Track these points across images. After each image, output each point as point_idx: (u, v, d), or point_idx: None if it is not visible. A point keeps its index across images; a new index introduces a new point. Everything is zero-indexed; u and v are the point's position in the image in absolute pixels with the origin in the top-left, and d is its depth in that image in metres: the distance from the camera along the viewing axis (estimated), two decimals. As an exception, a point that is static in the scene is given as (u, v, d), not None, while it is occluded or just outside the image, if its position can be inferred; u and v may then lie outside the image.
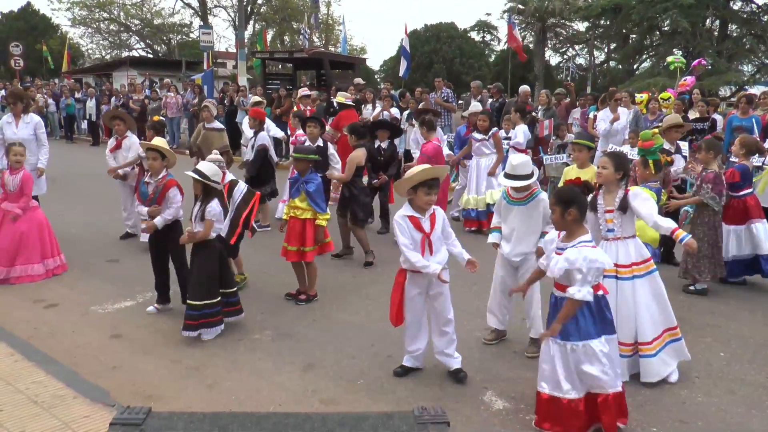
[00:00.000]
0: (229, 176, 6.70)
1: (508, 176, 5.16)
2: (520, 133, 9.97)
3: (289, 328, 5.91)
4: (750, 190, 7.33)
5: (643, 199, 4.75)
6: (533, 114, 13.13)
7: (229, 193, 6.45)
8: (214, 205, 5.56)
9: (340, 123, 11.27)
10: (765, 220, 7.25)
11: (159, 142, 6.34)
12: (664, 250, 7.81)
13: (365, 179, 8.79)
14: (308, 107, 11.73)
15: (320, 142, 8.46)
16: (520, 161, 5.15)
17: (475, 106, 10.58)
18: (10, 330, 5.76)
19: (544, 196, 5.17)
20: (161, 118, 8.64)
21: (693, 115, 11.28)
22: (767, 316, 6.42)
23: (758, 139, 8.31)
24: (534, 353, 4.94)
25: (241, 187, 6.56)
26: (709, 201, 6.70)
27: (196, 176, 5.50)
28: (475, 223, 9.54)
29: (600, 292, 4.00)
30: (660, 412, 4.43)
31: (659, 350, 4.82)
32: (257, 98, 11.37)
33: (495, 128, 9.60)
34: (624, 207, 4.74)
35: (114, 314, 6.26)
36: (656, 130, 6.40)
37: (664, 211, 6.66)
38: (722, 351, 5.54)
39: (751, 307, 6.67)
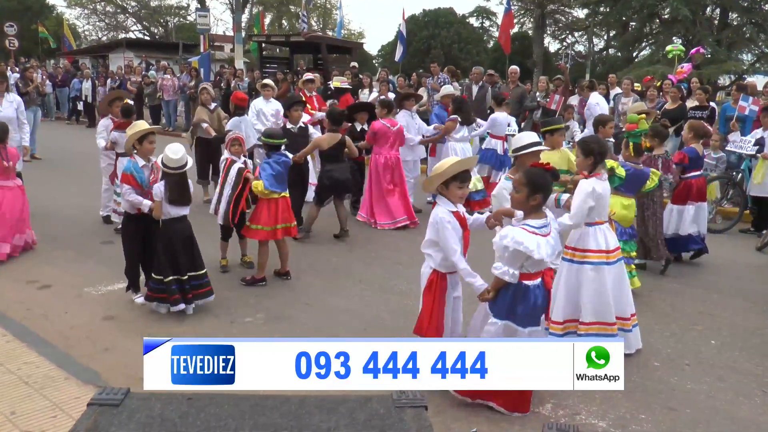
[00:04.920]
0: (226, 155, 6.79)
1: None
2: (488, 121, 10.00)
3: (282, 312, 5.91)
4: (698, 173, 7.65)
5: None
6: (538, 100, 13.13)
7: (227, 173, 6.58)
8: (156, 186, 5.64)
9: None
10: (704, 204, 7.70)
11: (144, 125, 6.24)
12: None
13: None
14: (313, 93, 11.61)
15: (301, 124, 8.59)
16: (515, 137, 5.37)
17: (447, 88, 10.59)
18: (3, 310, 5.75)
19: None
20: (129, 101, 8.62)
21: (692, 103, 11.26)
22: (758, 305, 6.45)
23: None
24: None
25: (235, 167, 6.56)
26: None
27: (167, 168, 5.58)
28: None
29: (531, 282, 3.94)
30: (649, 399, 4.46)
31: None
32: (267, 81, 11.29)
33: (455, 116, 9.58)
34: None
35: (107, 296, 6.26)
36: (643, 116, 6.52)
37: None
38: (713, 339, 5.57)
39: (744, 296, 6.71)
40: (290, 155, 6.92)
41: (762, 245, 8.45)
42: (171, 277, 5.61)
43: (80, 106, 22.67)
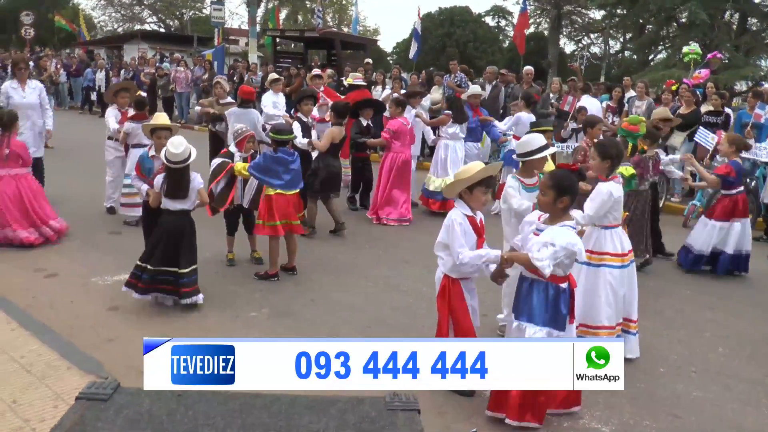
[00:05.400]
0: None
1: (519, 156, 5.18)
2: (508, 120, 9.93)
3: (287, 307, 5.90)
4: (741, 189, 7.35)
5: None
6: (551, 102, 13.07)
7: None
8: (157, 177, 5.75)
9: None
10: (748, 219, 7.38)
11: (164, 119, 6.30)
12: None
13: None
14: (320, 88, 11.60)
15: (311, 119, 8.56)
16: (520, 141, 5.23)
17: (474, 88, 10.53)
18: (9, 298, 5.76)
19: None
20: (142, 93, 8.73)
21: (706, 108, 11.15)
22: (768, 313, 6.37)
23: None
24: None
25: (218, 159, 6.66)
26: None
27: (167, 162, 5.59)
28: (439, 205, 9.54)
29: (565, 285, 3.89)
30: (654, 406, 4.40)
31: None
32: (275, 75, 11.32)
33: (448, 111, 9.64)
34: None
35: (113, 286, 6.24)
36: (643, 119, 6.49)
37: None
38: (721, 346, 5.50)
39: (753, 303, 6.63)
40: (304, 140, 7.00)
41: (774, 253, 8.34)
42: (140, 263, 5.66)
43: (93, 96, 22.74)
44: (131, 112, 8.56)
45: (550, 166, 6.40)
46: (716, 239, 7.29)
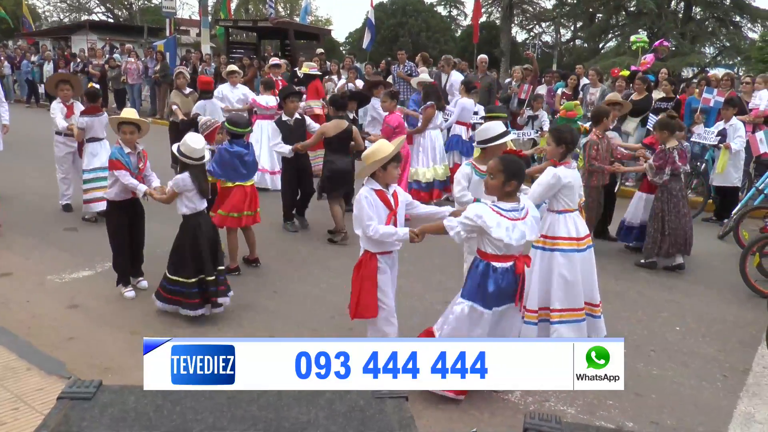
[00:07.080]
0: None
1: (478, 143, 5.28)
2: (457, 107, 9.97)
3: (250, 300, 5.85)
4: None
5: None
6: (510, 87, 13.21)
7: None
8: (180, 178, 5.26)
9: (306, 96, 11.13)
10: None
11: (130, 113, 5.97)
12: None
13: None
14: (279, 78, 11.53)
15: (298, 116, 8.11)
16: (480, 128, 5.30)
17: (424, 76, 10.56)
18: (-39, 300, 5.59)
19: None
20: (95, 85, 8.51)
21: (658, 95, 11.42)
22: (722, 292, 6.58)
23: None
24: None
25: None
26: (647, 171, 7.07)
27: (175, 152, 5.34)
28: (437, 193, 9.60)
29: (499, 264, 3.97)
30: (616, 386, 4.52)
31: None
32: (233, 67, 11.17)
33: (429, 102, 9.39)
34: None
35: (71, 284, 6.12)
36: (578, 102, 6.65)
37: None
38: (678, 325, 5.68)
39: (708, 284, 6.84)
40: (250, 148, 6.81)
41: (723, 233, 8.61)
42: (194, 279, 5.24)
43: (41, 89, 22.04)
44: (79, 105, 8.31)
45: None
46: (644, 211, 7.55)
